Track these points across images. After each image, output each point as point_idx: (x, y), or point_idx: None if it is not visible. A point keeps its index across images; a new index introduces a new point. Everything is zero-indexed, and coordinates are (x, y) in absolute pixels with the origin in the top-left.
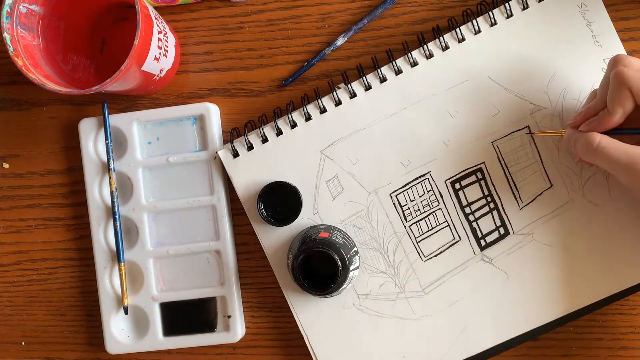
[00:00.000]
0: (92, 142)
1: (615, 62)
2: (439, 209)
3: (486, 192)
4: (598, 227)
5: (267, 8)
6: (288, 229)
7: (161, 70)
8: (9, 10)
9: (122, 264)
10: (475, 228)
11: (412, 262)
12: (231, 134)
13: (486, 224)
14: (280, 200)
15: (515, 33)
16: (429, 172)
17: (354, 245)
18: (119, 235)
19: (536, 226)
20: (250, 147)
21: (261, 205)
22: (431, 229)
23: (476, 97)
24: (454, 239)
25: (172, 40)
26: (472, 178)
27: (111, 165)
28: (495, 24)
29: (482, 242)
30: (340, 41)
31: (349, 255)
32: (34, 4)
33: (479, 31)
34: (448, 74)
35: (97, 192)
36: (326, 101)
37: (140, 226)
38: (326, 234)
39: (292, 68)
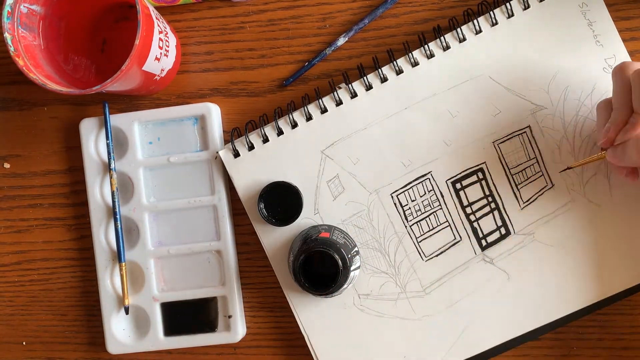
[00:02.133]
0: (93, 142)
1: (623, 67)
2: (440, 209)
3: (487, 192)
4: (599, 227)
5: (268, 8)
6: (289, 229)
7: (162, 70)
8: (9, 10)
9: (123, 264)
10: (476, 228)
11: (413, 262)
12: (232, 134)
13: (487, 224)
14: (281, 200)
15: (516, 33)
16: (429, 172)
17: (355, 245)
18: (120, 235)
19: (537, 226)
20: (251, 147)
21: (262, 205)
22: (432, 229)
23: (477, 97)
24: (455, 239)
25: (173, 40)
26: (473, 178)
27: (112, 165)
28: (496, 23)
29: (483, 242)
30: (341, 41)
31: (349, 255)
32: (34, 4)
33: (480, 31)
34: (449, 74)
35: (98, 192)
36: (327, 101)
37: (141, 226)
38: (327, 234)
39: (293, 68)
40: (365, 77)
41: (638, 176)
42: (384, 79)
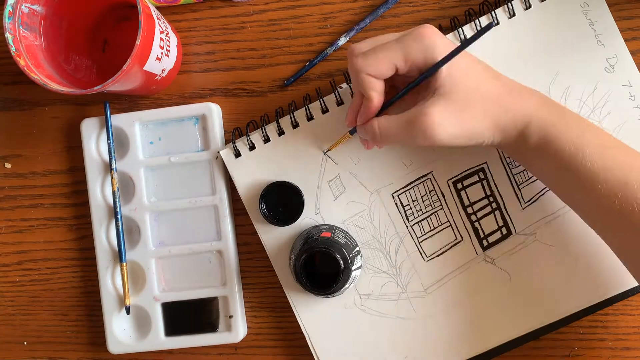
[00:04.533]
0: (94, 142)
1: (348, 55)
2: (441, 209)
3: (488, 192)
4: None
5: (269, 8)
6: (290, 228)
7: (163, 70)
8: (11, 10)
9: (124, 263)
10: (477, 228)
11: (414, 262)
12: (233, 134)
13: (488, 224)
14: (282, 200)
15: (518, 33)
16: (430, 172)
17: (356, 245)
18: (121, 235)
19: (539, 226)
20: (252, 147)
21: (263, 205)
22: (433, 229)
23: None
24: (456, 239)
25: (174, 40)
26: (474, 178)
27: (113, 165)
28: (498, 23)
29: (485, 242)
30: (342, 41)
31: (351, 255)
32: (36, 4)
33: None
34: None
35: (99, 192)
36: (328, 101)
37: (142, 226)
38: (328, 234)
39: (294, 68)
40: None
41: (374, 146)
42: None
